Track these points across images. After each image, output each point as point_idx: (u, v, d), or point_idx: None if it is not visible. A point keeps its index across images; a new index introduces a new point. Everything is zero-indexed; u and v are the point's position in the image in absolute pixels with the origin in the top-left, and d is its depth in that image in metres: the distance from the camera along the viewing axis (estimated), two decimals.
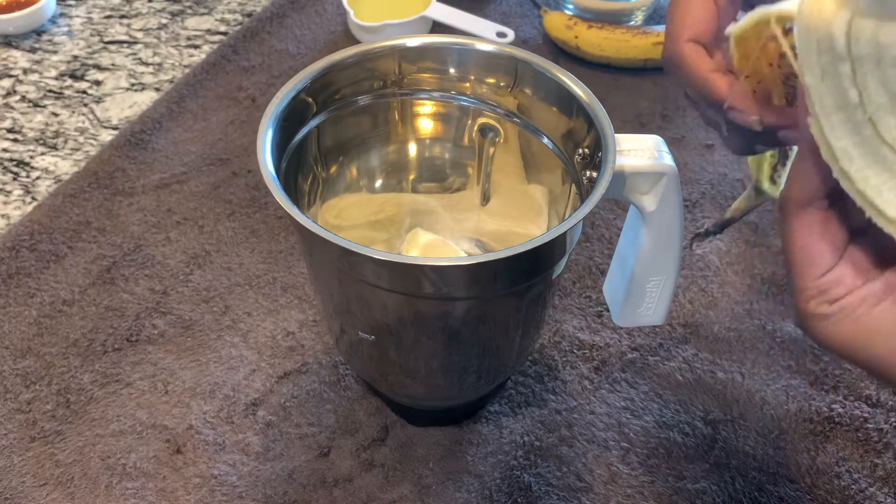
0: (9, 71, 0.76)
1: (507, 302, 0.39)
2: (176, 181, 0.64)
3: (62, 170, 0.67)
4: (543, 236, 0.34)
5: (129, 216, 0.61)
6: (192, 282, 0.57)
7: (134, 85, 0.75)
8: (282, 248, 0.59)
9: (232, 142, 0.68)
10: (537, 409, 0.50)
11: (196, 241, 0.60)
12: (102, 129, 0.70)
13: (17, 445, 0.48)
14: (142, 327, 0.54)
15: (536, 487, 0.46)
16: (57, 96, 0.74)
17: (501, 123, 0.46)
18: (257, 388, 0.51)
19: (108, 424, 0.49)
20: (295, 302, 0.56)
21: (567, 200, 0.44)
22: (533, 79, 0.43)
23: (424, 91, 0.46)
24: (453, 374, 0.44)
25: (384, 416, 0.49)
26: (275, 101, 0.40)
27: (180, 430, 0.49)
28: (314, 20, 0.80)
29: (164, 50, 0.79)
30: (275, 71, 0.74)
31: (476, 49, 0.44)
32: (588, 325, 0.55)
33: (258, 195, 0.63)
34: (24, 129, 0.70)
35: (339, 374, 0.51)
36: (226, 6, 0.84)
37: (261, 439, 0.48)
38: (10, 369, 0.52)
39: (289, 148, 0.42)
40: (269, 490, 0.46)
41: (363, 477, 0.47)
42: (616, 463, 0.48)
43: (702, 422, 0.50)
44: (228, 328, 0.54)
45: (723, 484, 0.47)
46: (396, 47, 0.44)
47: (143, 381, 0.51)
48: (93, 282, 0.57)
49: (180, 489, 0.46)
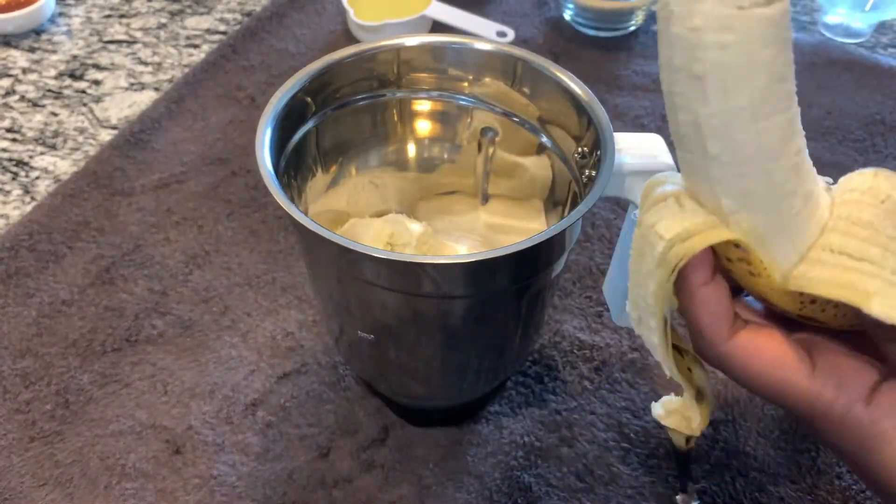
0: (8, 70, 0.76)
1: (507, 301, 0.39)
2: (175, 181, 0.64)
3: (61, 169, 0.66)
4: (543, 234, 0.34)
5: (129, 216, 0.61)
6: (191, 282, 0.57)
7: (133, 84, 0.75)
8: (281, 247, 0.59)
9: (231, 141, 0.68)
10: (537, 409, 0.50)
11: (195, 241, 0.60)
12: (102, 128, 0.70)
13: (17, 446, 0.48)
14: (141, 327, 0.54)
15: (537, 488, 0.46)
16: (56, 96, 0.73)
17: (501, 123, 0.46)
18: (257, 389, 0.51)
19: (108, 425, 0.49)
20: (294, 302, 0.56)
21: (566, 199, 0.44)
22: (532, 78, 0.43)
23: (424, 90, 0.46)
24: (453, 373, 0.44)
25: (384, 416, 0.49)
26: (274, 101, 0.40)
27: (180, 431, 0.49)
28: (314, 19, 0.80)
29: (163, 49, 0.79)
30: (274, 70, 0.74)
31: (475, 48, 0.44)
32: (588, 325, 0.54)
33: (257, 195, 0.63)
34: (24, 129, 0.70)
35: (339, 375, 0.51)
36: (225, 5, 0.84)
37: (260, 440, 0.48)
38: (9, 369, 0.52)
39: (288, 147, 0.42)
40: (268, 490, 0.46)
41: (363, 477, 0.47)
42: (616, 463, 0.47)
43: None
44: (228, 328, 0.54)
45: (723, 484, 0.47)
46: (396, 47, 0.44)
47: (142, 382, 0.51)
48: (92, 282, 0.57)
49: (180, 489, 0.46)
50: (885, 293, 0.25)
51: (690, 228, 0.26)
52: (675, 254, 0.26)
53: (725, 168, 0.25)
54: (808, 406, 0.27)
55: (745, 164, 0.24)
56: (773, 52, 0.23)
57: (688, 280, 0.27)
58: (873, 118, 0.70)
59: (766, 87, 0.24)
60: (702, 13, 0.23)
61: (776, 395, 0.27)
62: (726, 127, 0.24)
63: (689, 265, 0.27)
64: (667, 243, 0.26)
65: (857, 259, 0.25)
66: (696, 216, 0.26)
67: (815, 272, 0.26)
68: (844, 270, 0.25)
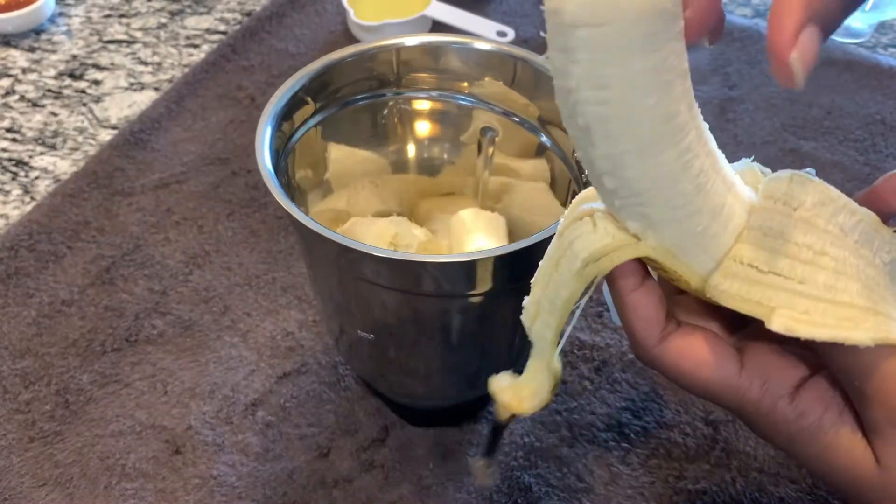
0: (7, 70, 0.76)
1: (507, 300, 0.39)
2: (175, 181, 0.64)
3: (61, 169, 0.66)
4: (542, 232, 0.34)
5: (129, 216, 0.61)
6: (191, 282, 0.57)
7: (133, 84, 0.75)
8: (281, 247, 0.59)
9: (231, 141, 0.68)
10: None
11: (195, 241, 0.60)
12: (101, 128, 0.70)
13: (16, 446, 0.48)
14: (141, 327, 0.54)
15: (537, 488, 0.46)
16: (56, 96, 0.73)
17: (501, 123, 0.46)
18: (257, 389, 0.51)
19: (108, 425, 0.49)
20: (294, 302, 0.56)
21: (566, 199, 0.44)
22: (532, 77, 0.43)
23: (423, 90, 0.46)
24: (453, 373, 0.44)
25: (384, 416, 0.49)
26: (273, 100, 0.40)
27: (179, 431, 0.49)
28: (314, 19, 0.80)
29: (163, 49, 0.79)
30: (274, 70, 0.74)
31: (475, 48, 0.44)
32: (588, 325, 0.54)
33: (257, 195, 0.63)
34: (23, 129, 0.70)
35: (339, 375, 0.51)
36: (225, 5, 0.84)
37: (260, 440, 0.48)
38: (9, 369, 0.52)
39: (288, 147, 0.42)
40: (268, 491, 0.46)
41: (363, 477, 0.47)
42: (616, 463, 0.47)
43: (702, 422, 0.49)
44: (228, 328, 0.54)
45: (723, 484, 0.47)
46: (395, 46, 0.44)
47: (142, 382, 0.51)
48: (92, 282, 0.57)
49: (179, 490, 0.46)
50: (789, 304, 0.25)
51: (601, 250, 0.27)
52: (589, 273, 0.28)
53: (624, 199, 0.25)
54: (738, 403, 0.28)
55: (642, 195, 0.25)
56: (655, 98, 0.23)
57: (616, 286, 0.28)
58: (873, 118, 0.70)
59: (652, 130, 0.24)
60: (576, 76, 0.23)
61: (705, 392, 0.29)
62: (617, 167, 0.24)
63: (617, 272, 0.28)
64: (581, 262, 0.27)
65: (765, 272, 0.26)
66: (607, 237, 0.27)
67: (726, 285, 0.26)
68: (752, 284, 0.26)
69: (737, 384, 0.28)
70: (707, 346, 0.28)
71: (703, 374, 0.28)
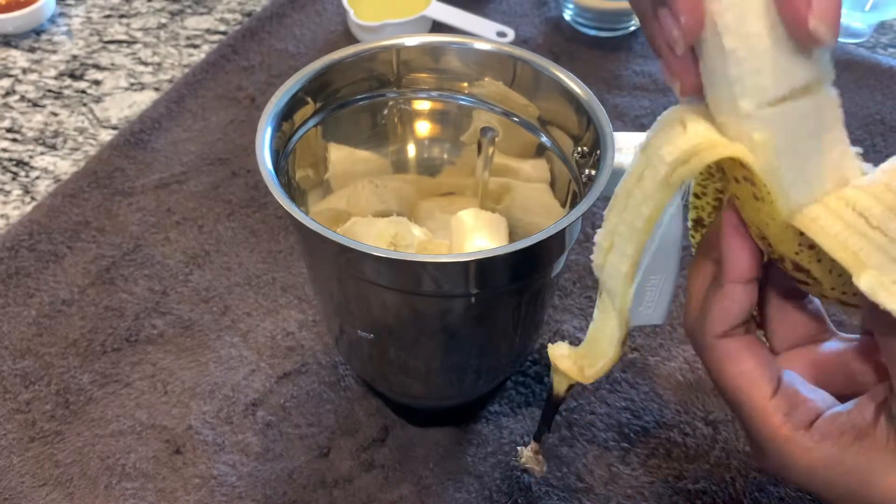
0: (8, 71, 0.76)
1: (507, 300, 0.39)
2: (175, 181, 0.64)
3: (61, 169, 0.66)
4: (542, 233, 0.34)
5: (129, 216, 0.61)
6: (191, 282, 0.57)
7: (133, 85, 0.75)
8: (281, 247, 0.59)
9: (231, 141, 0.68)
10: (537, 409, 0.50)
11: (195, 240, 0.60)
12: (102, 128, 0.70)
13: (17, 446, 0.48)
14: (141, 327, 0.54)
15: (536, 488, 0.46)
16: (56, 96, 0.73)
17: (501, 123, 0.46)
18: (257, 389, 0.51)
19: (108, 425, 0.49)
20: (294, 302, 0.56)
21: (566, 199, 0.44)
22: (532, 78, 0.43)
23: (423, 90, 0.46)
24: (453, 372, 0.44)
25: (384, 416, 0.49)
26: (274, 101, 0.40)
27: (180, 431, 0.49)
28: (314, 20, 0.80)
29: (163, 49, 0.79)
30: (274, 70, 0.74)
31: (475, 48, 0.44)
32: (588, 325, 0.54)
33: (258, 195, 0.63)
34: (24, 129, 0.70)
35: (339, 375, 0.51)
36: (225, 6, 0.84)
37: (260, 440, 0.48)
38: (9, 369, 0.52)
39: (288, 147, 0.42)
40: (268, 490, 0.46)
41: (363, 477, 0.47)
42: (616, 463, 0.47)
43: (702, 422, 0.49)
44: (228, 328, 0.54)
45: (723, 484, 0.47)
46: (395, 47, 0.44)
47: (142, 382, 0.51)
48: (92, 282, 0.57)
49: (180, 489, 0.46)
50: (884, 268, 0.24)
51: (691, 149, 0.26)
52: (677, 177, 0.26)
53: (742, 64, 0.24)
54: (760, 423, 0.28)
55: (761, 57, 0.24)
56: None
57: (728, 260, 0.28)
58: (873, 118, 0.70)
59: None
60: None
61: (735, 402, 0.29)
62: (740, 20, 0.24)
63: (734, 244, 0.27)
64: (669, 166, 0.26)
65: (873, 226, 0.25)
66: (697, 137, 0.26)
67: (826, 221, 0.25)
68: (855, 233, 0.25)
69: (764, 406, 0.28)
70: (758, 361, 0.28)
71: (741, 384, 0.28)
